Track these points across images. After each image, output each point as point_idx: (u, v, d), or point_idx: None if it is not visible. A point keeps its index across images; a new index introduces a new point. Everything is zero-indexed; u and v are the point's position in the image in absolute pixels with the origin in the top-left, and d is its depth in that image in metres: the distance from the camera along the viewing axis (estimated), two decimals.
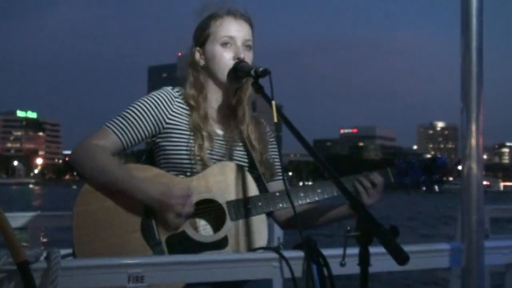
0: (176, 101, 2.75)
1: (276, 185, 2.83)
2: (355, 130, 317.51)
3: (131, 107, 2.69)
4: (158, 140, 2.72)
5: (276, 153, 2.88)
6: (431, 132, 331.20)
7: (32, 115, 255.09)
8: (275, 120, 2.37)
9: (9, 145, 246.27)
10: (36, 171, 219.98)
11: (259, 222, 2.61)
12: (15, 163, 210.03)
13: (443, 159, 2.81)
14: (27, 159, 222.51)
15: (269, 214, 2.91)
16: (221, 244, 2.53)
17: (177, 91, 2.78)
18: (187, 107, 2.75)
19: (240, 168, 2.66)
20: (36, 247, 2.12)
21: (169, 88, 2.78)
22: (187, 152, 2.66)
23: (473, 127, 2.28)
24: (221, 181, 2.61)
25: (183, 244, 2.50)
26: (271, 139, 2.91)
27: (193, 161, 2.65)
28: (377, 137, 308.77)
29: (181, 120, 2.73)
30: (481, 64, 2.30)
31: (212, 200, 2.59)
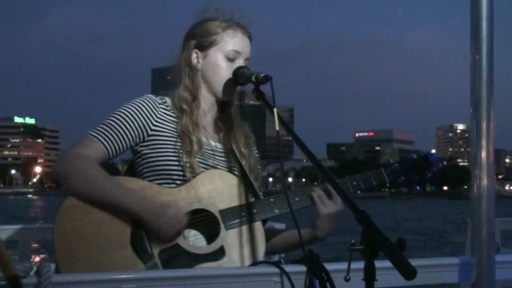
0: (161, 108, 2.74)
1: None
2: (371, 134, 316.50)
3: (115, 114, 2.67)
4: (141, 148, 2.70)
5: (257, 156, 2.94)
6: (450, 135, 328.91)
7: (30, 121, 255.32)
8: (277, 128, 2.38)
9: (6, 152, 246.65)
10: (34, 179, 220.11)
11: (256, 230, 2.61)
12: (13, 171, 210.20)
13: (436, 156, 2.86)
14: (25, 167, 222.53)
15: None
16: (217, 255, 2.53)
17: (161, 98, 2.77)
18: (172, 114, 2.75)
19: (229, 175, 2.67)
20: (26, 261, 2.12)
21: (151, 95, 2.77)
22: (176, 159, 2.65)
23: (483, 136, 2.29)
24: (212, 190, 2.61)
25: (177, 257, 2.49)
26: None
27: (182, 168, 2.64)
28: (394, 140, 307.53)
29: (167, 127, 2.72)
30: (491, 68, 2.32)
31: (203, 210, 2.59)
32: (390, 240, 1.78)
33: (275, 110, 2.39)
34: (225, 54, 2.74)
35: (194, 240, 2.58)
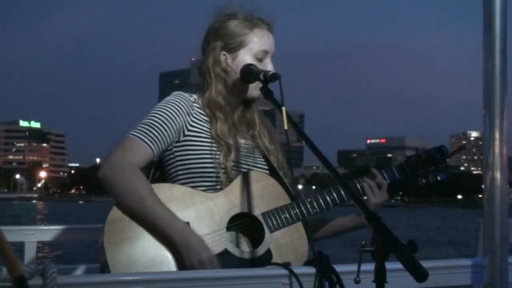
0: (195, 106, 2.75)
1: None
2: (383, 141, 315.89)
3: (155, 114, 2.66)
4: (175, 148, 2.71)
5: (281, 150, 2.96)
6: (464, 142, 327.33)
7: (35, 125, 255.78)
8: (285, 127, 2.39)
9: (11, 157, 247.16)
10: (39, 185, 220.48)
11: (298, 230, 2.66)
12: (17, 176, 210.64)
13: (447, 148, 2.96)
14: (30, 172, 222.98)
15: None
16: (265, 258, 2.56)
17: (190, 95, 2.78)
18: (205, 114, 2.75)
19: (265, 176, 2.71)
20: (31, 263, 2.12)
21: (184, 93, 2.77)
22: (211, 161, 2.66)
23: (496, 135, 2.29)
24: (251, 192, 2.63)
25: (227, 263, 2.50)
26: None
27: (217, 170, 2.65)
28: (406, 147, 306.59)
29: (201, 128, 2.73)
30: (505, 67, 2.31)
31: (245, 214, 2.62)
32: (401, 241, 1.78)
33: (283, 108, 2.40)
34: (254, 55, 2.76)
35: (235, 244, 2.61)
